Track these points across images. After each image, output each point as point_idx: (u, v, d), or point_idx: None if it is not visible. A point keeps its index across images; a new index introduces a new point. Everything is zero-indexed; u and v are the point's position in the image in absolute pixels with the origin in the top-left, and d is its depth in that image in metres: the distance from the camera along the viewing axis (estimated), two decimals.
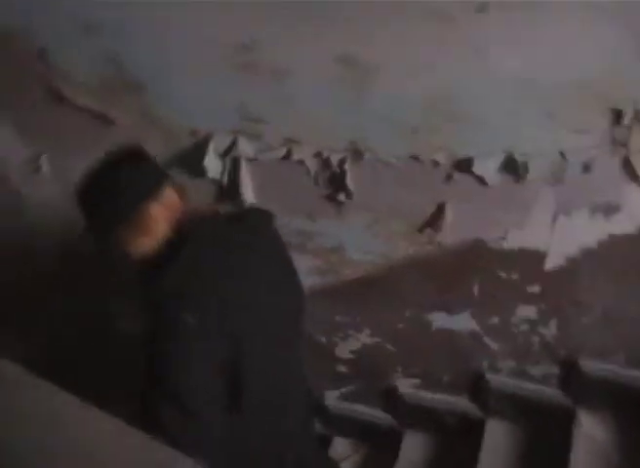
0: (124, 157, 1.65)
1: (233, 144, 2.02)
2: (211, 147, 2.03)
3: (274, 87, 1.86)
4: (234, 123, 1.98)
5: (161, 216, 1.61)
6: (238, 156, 2.04)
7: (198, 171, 2.08)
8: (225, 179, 2.11)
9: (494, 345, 2.36)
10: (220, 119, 1.99)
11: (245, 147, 2.02)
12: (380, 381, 2.62)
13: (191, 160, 2.08)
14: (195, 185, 2.12)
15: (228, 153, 2.04)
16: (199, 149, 2.05)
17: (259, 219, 1.85)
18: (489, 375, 2.45)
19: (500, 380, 2.45)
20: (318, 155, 2.00)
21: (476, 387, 2.52)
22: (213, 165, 2.08)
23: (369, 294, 2.34)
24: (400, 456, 2.66)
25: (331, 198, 2.09)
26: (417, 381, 2.58)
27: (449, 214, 2.05)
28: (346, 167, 1.99)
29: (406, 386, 2.60)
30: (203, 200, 2.15)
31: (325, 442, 2.85)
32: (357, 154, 1.96)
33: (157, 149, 2.08)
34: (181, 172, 2.10)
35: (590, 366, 2.29)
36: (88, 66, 1.99)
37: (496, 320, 2.29)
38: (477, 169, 1.92)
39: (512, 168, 1.89)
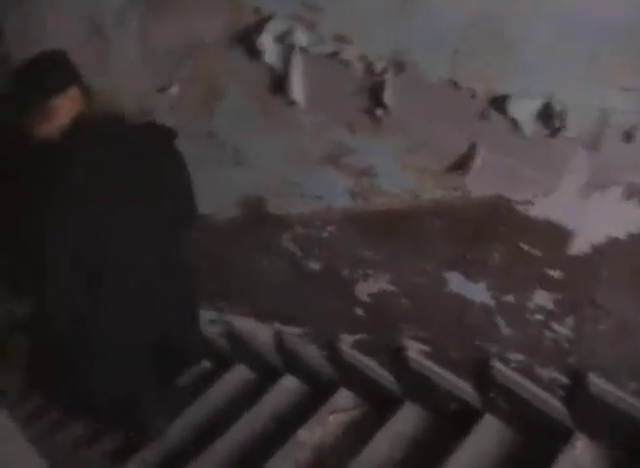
0: (45, 57, 1.99)
1: (289, 31, 2.02)
2: (268, 29, 2.05)
3: None
4: (294, 8, 1.98)
5: (63, 110, 1.94)
6: (292, 44, 2.04)
7: (254, 51, 2.11)
8: (280, 67, 2.12)
9: (505, 329, 2.17)
10: (277, 2, 2.00)
11: (300, 36, 2.01)
12: (390, 336, 2.51)
13: (251, 40, 2.11)
14: (252, 69, 2.16)
15: (284, 39, 2.05)
16: (259, 29, 2.08)
17: (150, 133, 2.22)
18: (495, 364, 2.25)
19: (505, 374, 2.25)
20: (363, 59, 1.94)
21: (481, 374, 2.33)
22: (269, 49, 2.10)
23: (394, 231, 2.24)
24: (388, 424, 2.53)
25: (370, 111, 2.03)
26: (425, 348, 2.44)
27: (478, 158, 1.90)
28: (387, 77, 1.92)
29: (414, 350, 2.47)
30: (258, 88, 2.19)
31: None
32: (399, 66, 1.88)
33: (223, 22, 2.16)
34: (242, 52, 2.15)
35: (599, 386, 2.03)
36: None
37: (511, 298, 2.09)
38: (513, 110, 1.76)
39: (549, 117, 1.72)
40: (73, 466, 2.85)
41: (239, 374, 3.17)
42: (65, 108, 1.98)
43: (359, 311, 2.54)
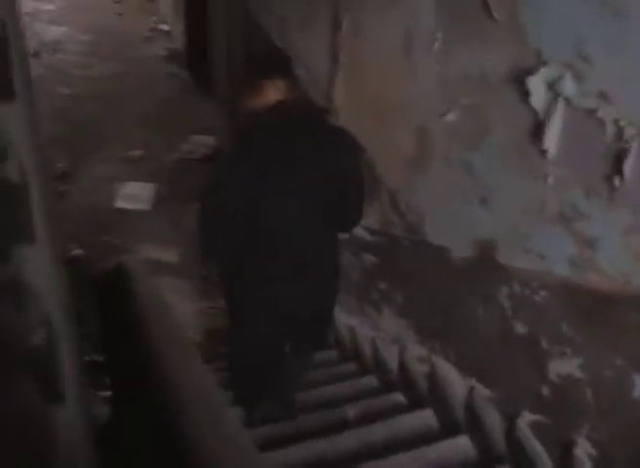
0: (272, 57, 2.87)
1: (559, 78, 2.03)
2: (541, 73, 2.08)
3: (612, 26, 1.83)
4: (570, 56, 1.99)
5: (267, 92, 2.49)
6: (558, 92, 2.04)
7: (524, 93, 2.16)
8: (542, 113, 2.13)
9: None
10: (556, 47, 2.02)
11: (567, 85, 2.01)
12: (566, 427, 2.32)
13: (524, 81, 2.16)
14: (519, 111, 2.20)
15: (552, 86, 2.06)
16: (533, 72, 2.12)
17: (339, 138, 2.53)
18: None
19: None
20: (617, 122, 1.88)
21: None
22: (537, 92, 2.12)
23: (596, 313, 2.10)
24: None
25: (608, 178, 1.95)
26: (594, 453, 2.21)
27: None
28: (634, 146, 1.84)
29: (583, 451, 2.25)
30: (520, 130, 2.22)
31: None
32: None
33: (507, 60, 2.24)
34: (514, 91, 2.21)
35: None
36: None
37: None
38: None
39: None
40: None
41: (424, 418, 3.15)
42: (269, 91, 2.50)
43: (545, 390, 2.40)
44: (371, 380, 3.55)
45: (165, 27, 7.89)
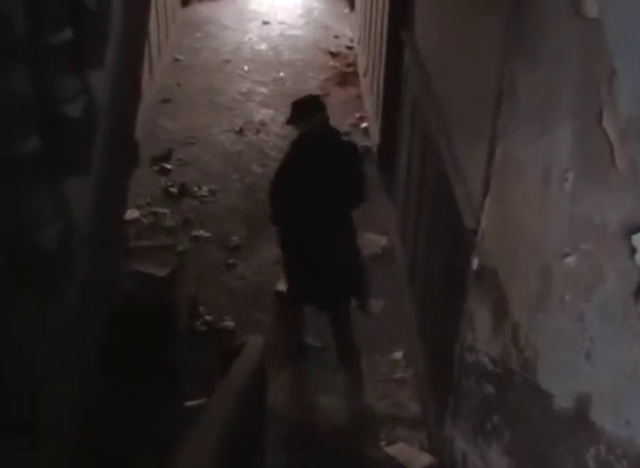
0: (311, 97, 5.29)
1: None
2: None
3: None
4: None
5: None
6: None
7: (631, 247, 2.17)
8: None
9: None
10: None
11: None
12: None
13: None
14: (626, 266, 2.21)
15: None
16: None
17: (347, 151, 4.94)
18: None
19: None
20: None
21: None
22: None
23: None
24: None
25: None
26: None
27: None
28: None
29: None
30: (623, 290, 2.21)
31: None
32: None
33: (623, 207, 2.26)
34: (627, 242, 2.22)
35: None
36: None
37: None
38: None
39: None
40: None
41: None
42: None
43: None
44: None
45: (364, 125, 8.38)
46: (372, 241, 6.65)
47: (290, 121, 4.92)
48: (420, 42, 5.49)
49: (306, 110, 4.76)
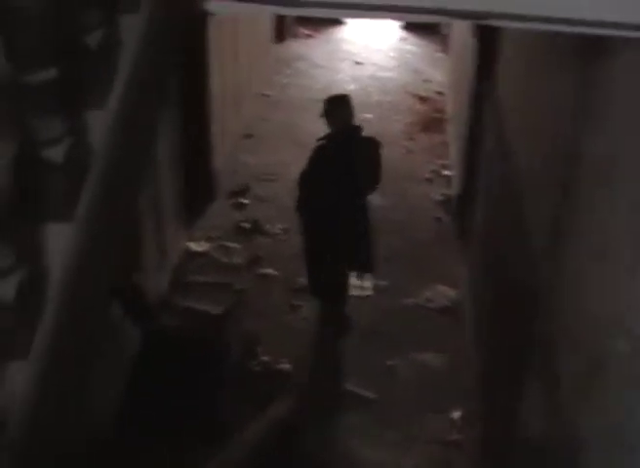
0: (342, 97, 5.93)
1: None
2: None
3: None
4: None
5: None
6: None
7: None
8: None
9: None
10: None
11: None
12: None
13: None
14: None
15: None
16: None
17: (368, 143, 5.69)
18: None
19: None
20: None
21: None
22: None
23: None
24: None
25: None
26: None
27: None
28: None
29: None
30: None
31: None
32: None
33: None
34: None
35: None
36: None
37: None
38: None
39: None
40: None
41: None
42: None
43: None
44: None
45: (447, 173, 8.28)
46: (441, 293, 6.54)
47: (323, 115, 5.71)
48: (500, 93, 5.41)
49: (334, 106, 5.65)
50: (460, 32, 8.70)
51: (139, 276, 4.58)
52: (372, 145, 5.71)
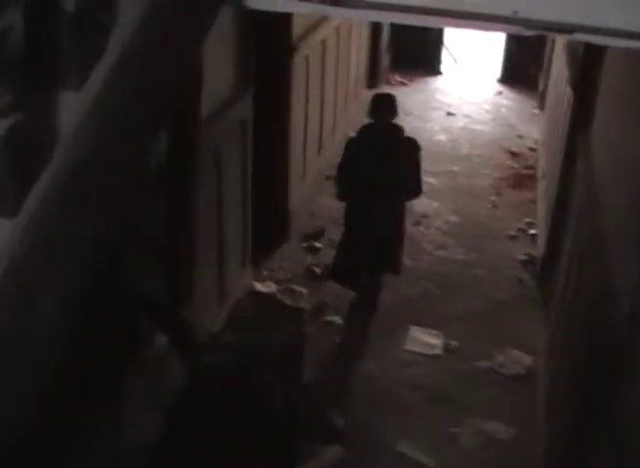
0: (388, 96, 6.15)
1: None
2: None
3: None
4: None
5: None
6: None
7: None
8: None
9: None
10: None
11: None
12: None
13: None
14: None
15: None
16: None
17: (407, 142, 5.88)
18: None
19: None
20: None
21: None
22: None
23: None
24: None
25: None
26: None
27: None
28: None
29: None
30: None
31: None
32: None
33: None
34: None
35: None
36: None
37: None
38: None
39: None
40: None
41: None
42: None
43: None
44: None
45: (533, 231, 7.91)
46: (515, 358, 6.15)
47: (368, 113, 5.81)
48: (595, 150, 5.08)
49: (379, 102, 5.75)
50: (556, 83, 8.41)
51: (189, 311, 4.43)
52: (412, 146, 5.80)
